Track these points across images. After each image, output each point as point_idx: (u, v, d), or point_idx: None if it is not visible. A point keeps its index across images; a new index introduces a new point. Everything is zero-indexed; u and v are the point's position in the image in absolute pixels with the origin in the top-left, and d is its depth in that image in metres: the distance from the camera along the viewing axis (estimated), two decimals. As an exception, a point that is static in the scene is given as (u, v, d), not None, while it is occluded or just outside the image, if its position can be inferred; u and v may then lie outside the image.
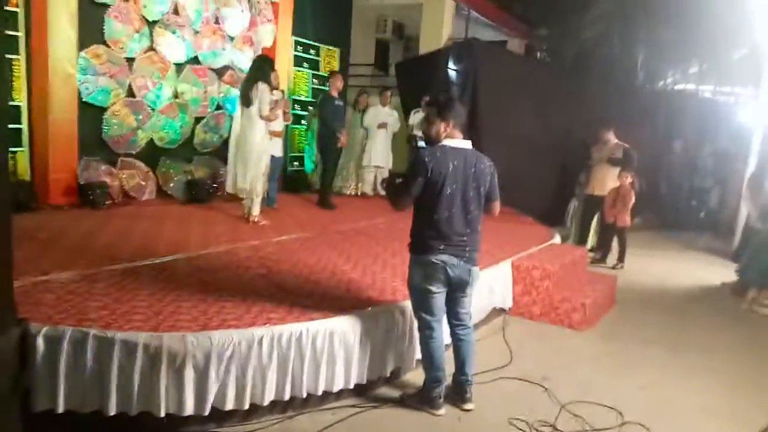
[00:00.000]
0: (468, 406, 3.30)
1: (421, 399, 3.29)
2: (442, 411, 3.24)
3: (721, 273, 7.16)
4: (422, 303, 3.22)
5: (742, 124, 10.62)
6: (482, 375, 3.71)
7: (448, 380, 3.34)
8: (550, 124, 9.24)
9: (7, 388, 1.57)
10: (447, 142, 3.14)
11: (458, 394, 3.34)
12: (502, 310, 4.91)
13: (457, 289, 3.22)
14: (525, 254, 5.35)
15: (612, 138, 7.43)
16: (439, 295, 3.19)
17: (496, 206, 3.31)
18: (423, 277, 3.15)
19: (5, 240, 1.61)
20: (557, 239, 6.40)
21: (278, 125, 6.65)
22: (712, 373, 4.13)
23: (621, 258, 7.29)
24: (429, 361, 3.26)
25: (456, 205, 3.08)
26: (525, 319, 4.98)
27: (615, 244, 7.40)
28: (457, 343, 3.33)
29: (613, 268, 7.14)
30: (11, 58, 5.49)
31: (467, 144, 3.19)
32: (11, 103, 5.59)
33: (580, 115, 8.84)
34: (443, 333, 3.29)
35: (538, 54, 14.45)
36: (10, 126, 5.53)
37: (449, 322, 3.33)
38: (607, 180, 7.35)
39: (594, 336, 4.79)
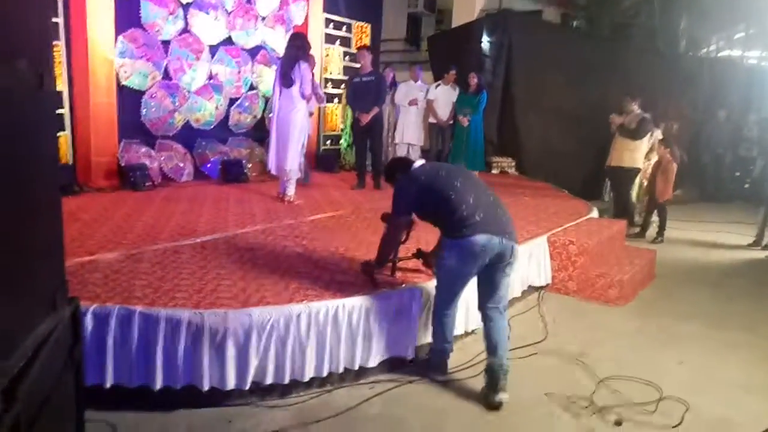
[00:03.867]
0: (501, 396, 3.04)
1: (427, 365, 3.38)
2: (444, 377, 3.34)
3: (766, 246, 6.96)
4: (451, 285, 3.18)
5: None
6: (518, 351, 3.72)
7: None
8: (587, 95, 9.05)
9: (61, 361, 1.66)
10: (414, 166, 3.34)
11: (491, 382, 3.09)
12: (540, 287, 4.89)
13: (496, 269, 3.11)
14: (561, 229, 5.30)
15: (635, 108, 7.14)
16: (469, 278, 3.16)
17: None
18: (459, 260, 3.06)
19: (56, 221, 1.68)
20: (595, 213, 6.30)
21: (312, 106, 6.70)
22: (754, 348, 4.04)
23: (661, 232, 7.14)
24: (441, 335, 3.30)
25: (465, 187, 3.12)
26: (561, 295, 4.96)
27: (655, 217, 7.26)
28: (489, 324, 3.20)
29: (653, 242, 7.00)
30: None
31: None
32: (53, 88, 5.75)
33: (618, 85, 8.61)
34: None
35: (575, 23, 14.09)
36: (53, 111, 5.70)
37: (483, 305, 3.23)
38: (624, 152, 7.12)
39: (631, 311, 4.73)
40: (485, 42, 8.93)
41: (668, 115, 8.30)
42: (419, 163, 3.42)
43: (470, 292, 3.32)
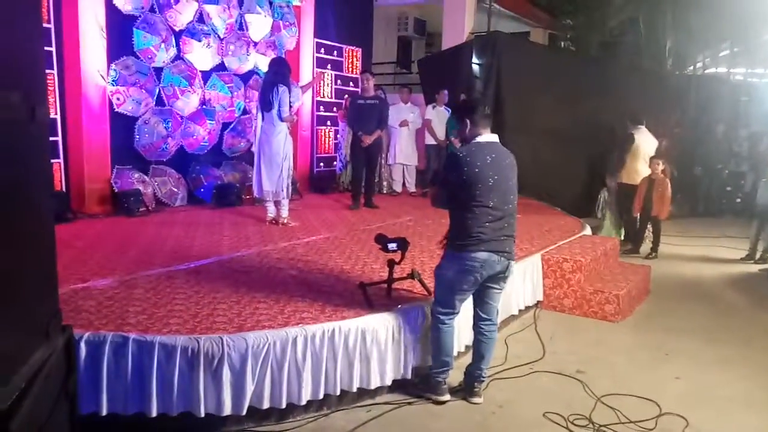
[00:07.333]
0: (476, 399, 3.29)
1: (426, 385, 3.34)
2: (446, 397, 3.29)
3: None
4: (449, 297, 3.21)
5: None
6: (516, 369, 3.71)
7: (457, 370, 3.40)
8: (576, 114, 9.13)
9: (55, 392, 1.64)
10: (478, 138, 3.16)
11: (468, 386, 3.33)
12: (533, 305, 4.89)
13: (490, 283, 3.19)
14: (555, 247, 5.31)
15: (631, 128, 7.30)
16: (468, 293, 3.20)
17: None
18: (457, 273, 3.12)
19: (49, 249, 1.68)
20: (588, 231, 6.33)
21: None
22: (750, 362, 4.04)
23: (655, 248, 7.17)
24: (439, 348, 3.29)
25: (497, 197, 3.07)
26: (557, 312, 4.95)
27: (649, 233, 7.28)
28: (480, 337, 3.32)
29: (647, 257, 7.03)
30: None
31: (495, 138, 3.22)
32: (47, 116, 5.77)
33: (607, 103, 8.71)
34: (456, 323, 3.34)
35: (562, 44, 14.29)
36: (47, 139, 5.72)
37: (476, 315, 3.33)
38: (630, 170, 7.19)
39: (628, 327, 4.73)
40: (475, 63, 9.03)
41: (657, 133, 8.37)
42: (486, 137, 3.17)
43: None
